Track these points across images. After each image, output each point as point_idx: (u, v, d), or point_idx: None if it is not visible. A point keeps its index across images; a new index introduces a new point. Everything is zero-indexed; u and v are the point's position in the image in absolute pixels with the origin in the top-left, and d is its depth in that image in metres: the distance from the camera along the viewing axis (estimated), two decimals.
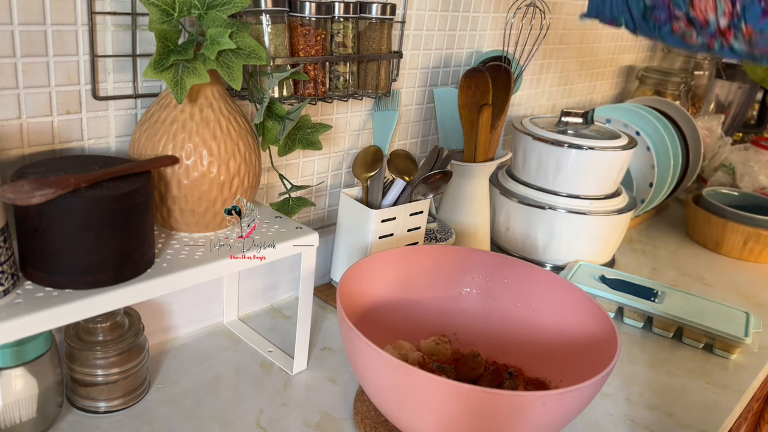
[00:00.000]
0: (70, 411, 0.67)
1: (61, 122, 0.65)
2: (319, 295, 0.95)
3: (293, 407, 0.72)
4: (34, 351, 0.60)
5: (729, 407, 0.81)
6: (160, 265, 0.61)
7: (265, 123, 0.73)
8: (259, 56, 0.63)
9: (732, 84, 1.83)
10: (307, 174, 0.93)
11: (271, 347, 0.82)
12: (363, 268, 0.74)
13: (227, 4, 0.61)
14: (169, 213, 0.66)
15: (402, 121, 1.04)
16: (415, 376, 0.55)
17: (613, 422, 0.76)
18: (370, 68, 0.85)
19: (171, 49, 0.60)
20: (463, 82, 1.00)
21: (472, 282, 0.82)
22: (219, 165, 0.64)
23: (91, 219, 0.53)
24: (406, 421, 0.61)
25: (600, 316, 0.69)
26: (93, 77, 0.65)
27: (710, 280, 1.18)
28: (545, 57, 1.33)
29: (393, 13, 0.84)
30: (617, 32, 1.53)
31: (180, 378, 0.75)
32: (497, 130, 1.03)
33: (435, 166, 0.94)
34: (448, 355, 0.77)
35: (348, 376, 0.78)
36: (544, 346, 0.76)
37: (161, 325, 0.80)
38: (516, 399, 0.54)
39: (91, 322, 0.65)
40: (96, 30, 0.64)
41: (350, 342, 0.62)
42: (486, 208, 1.07)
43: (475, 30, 1.11)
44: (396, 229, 0.91)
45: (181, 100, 0.60)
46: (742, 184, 1.49)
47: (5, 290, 0.52)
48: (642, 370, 0.87)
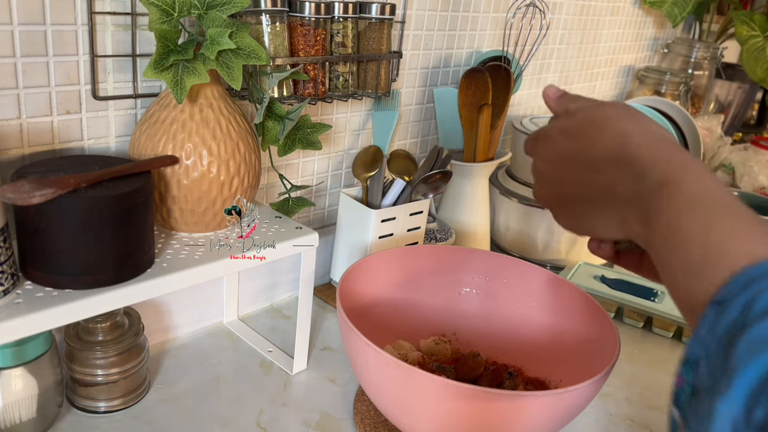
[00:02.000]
0: (70, 411, 0.67)
1: (61, 122, 0.65)
2: (319, 295, 0.95)
3: (293, 407, 0.72)
4: (34, 351, 0.60)
5: None
6: (160, 265, 0.61)
7: (265, 123, 0.73)
8: (258, 56, 0.63)
9: (732, 84, 1.83)
10: (307, 174, 0.93)
11: (271, 347, 0.82)
12: (363, 267, 0.74)
13: (227, 4, 0.61)
14: (169, 213, 0.66)
15: (402, 121, 1.04)
16: (415, 376, 0.55)
17: (613, 422, 0.76)
18: (370, 68, 0.85)
19: (171, 49, 0.60)
20: (463, 82, 1.00)
21: (472, 282, 0.82)
22: (219, 165, 0.64)
23: (91, 219, 0.53)
24: (406, 421, 0.61)
25: (600, 316, 0.69)
26: (93, 77, 0.65)
27: None
28: (545, 57, 1.33)
29: (393, 13, 0.84)
30: (617, 32, 1.53)
31: (180, 378, 0.75)
32: (497, 130, 1.03)
33: (435, 166, 0.94)
34: (448, 355, 0.77)
35: (348, 376, 0.78)
36: (544, 346, 0.76)
37: (161, 325, 0.80)
38: (516, 399, 0.54)
39: (91, 322, 0.65)
40: (96, 30, 0.64)
41: (350, 342, 0.62)
42: (486, 208, 1.07)
43: (475, 30, 1.11)
44: (396, 229, 0.91)
45: (180, 100, 0.60)
46: (742, 184, 1.49)
47: (5, 290, 0.52)
48: (642, 369, 0.87)
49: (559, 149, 0.46)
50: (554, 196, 0.47)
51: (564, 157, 0.45)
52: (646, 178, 0.38)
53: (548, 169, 0.47)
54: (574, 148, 0.44)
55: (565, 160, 0.45)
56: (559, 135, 0.46)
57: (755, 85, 1.80)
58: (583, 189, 0.44)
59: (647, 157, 0.39)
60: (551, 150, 0.46)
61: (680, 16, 1.55)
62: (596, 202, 0.43)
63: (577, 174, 0.44)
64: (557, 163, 0.46)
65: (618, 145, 0.41)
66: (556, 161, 0.46)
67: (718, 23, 1.80)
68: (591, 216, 0.44)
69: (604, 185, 0.42)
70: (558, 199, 0.47)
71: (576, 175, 0.44)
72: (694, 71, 1.71)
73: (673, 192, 0.36)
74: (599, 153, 0.42)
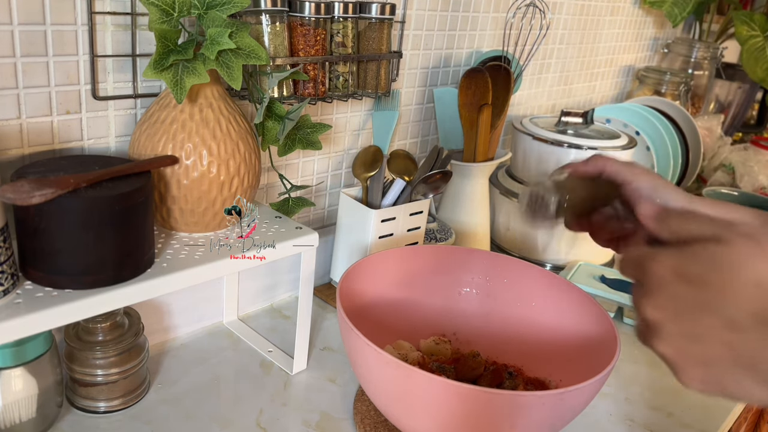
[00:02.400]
0: (70, 411, 0.67)
1: (60, 122, 0.65)
2: (319, 295, 0.95)
3: (293, 407, 0.72)
4: (34, 351, 0.60)
5: (729, 407, 0.81)
6: (159, 265, 0.61)
7: (265, 123, 0.73)
8: (258, 56, 0.63)
9: (732, 84, 1.84)
10: (307, 174, 0.93)
11: (271, 347, 0.82)
12: (363, 267, 0.74)
13: (227, 4, 0.61)
14: (168, 213, 0.66)
15: (402, 121, 1.04)
16: (415, 376, 0.55)
17: (613, 422, 0.76)
18: (370, 68, 0.85)
19: (171, 49, 0.60)
20: (463, 82, 1.00)
21: (472, 282, 0.82)
22: (219, 165, 0.64)
23: (91, 219, 0.53)
24: (406, 421, 0.61)
25: (600, 316, 0.69)
26: (93, 77, 0.65)
27: None
28: (545, 57, 1.33)
29: (393, 13, 0.83)
30: (617, 32, 1.53)
31: (180, 378, 0.75)
32: (497, 130, 1.03)
33: (435, 166, 0.94)
34: (447, 354, 0.77)
35: (348, 376, 0.78)
36: (544, 346, 0.76)
37: (161, 325, 0.80)
38: (516, 399, 0.54)
39: (90, 322, 0.65)
40: (96, 30, 0.64)
41: (350, 342, 0.62)
42: (486, 208, 1.07)
43: (475, 30, 1.11)
44: (396, 229, 0.91)
45: (180, 100, 0.60)
46: (742, 184, 1.49)
47: (5, 290, 0.52)
48: (642, 370, 0.87)
49: (679, 298, 0.36)
50: (686, 356, 0.37)
51: (689, 309, 0.36)
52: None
53: (669, 323, 0.37)
54: (701, 300, 0.35)
55: (691, 313, 0.36)
56: (674, 278, 0.36)
57: (755, 85, 1.80)
58: (729, 349, 0.35)
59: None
60: (667, 298, 0.37)
61: (680, 16, 1.55)
62: (749, 368, 0.35)
63: (715, 332, 0.35)
64: (681, 317, 0.36)
65: (760, 300, 0.33)
66: (681, 313, 0.36)
67: (718, 23, 1.80)
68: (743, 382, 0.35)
69: (755, 347, 0.34)
70: (694, 359, 0.37)
71: (713, 332, 0.35)
72: (694, 71, 1.71)
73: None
74: (738, 307, 0.34)
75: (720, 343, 0.35)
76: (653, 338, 0.38)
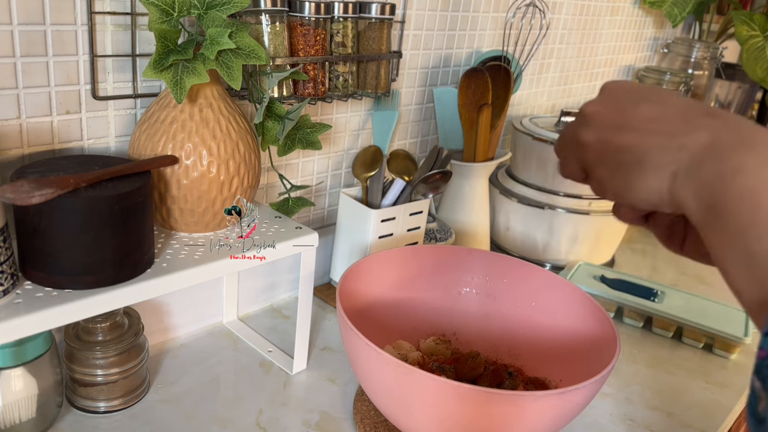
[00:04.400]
0: (70, 411, 0.67)
1: (60, 122, 0.65)
2: (319, 295, 0.95)
3: (293, 407, 0.72)
4: (34, 351, 0.60)
5: (729, 407, 0.81)
6: (159, 265, 0.61)
7: (265, 123, 0.73)
8: (258, 56, 0.63)
9: (732, 84, 1.83)
10: (307, 174, 0.93)
11: (271, 347, 0.82)
12: (363, 267, 0.74)
13: (227, 4, 0.61)
14: (168, 213, 0.66)
15: (402, 121, 1.04)
16: (415, 376, 0.55)
17: (613, 422, 0.76)
18: (370, 68, 0.85)
19: (170, 48, 0.60)
20: (463, 82, 1.00)
21: (472, 282, 0.82)
22: (218, 165, 0.64)
23: (91, 219, 0.53)
24: (406, 421, 0.61)
25: (600, 316, 0.69)
26: (92, 77, 0.65)
27: (710, 280, 1.18)
28: (545, 57, 1.33)
29: (393, 13, 0.83)
30: (617, 32, 1.53)
31: (180, 378, 0.75)
32: (497, 130, 1.03)
33: (435, 166, 0.94)
34: (447, 355, 0.77)
35: (348, 376, 0.78)
36: (544, 346, 0.76)
37: (161, 325, 0.80)
38: (516, 399, 0.54)
39: (90, 322, 0.65)
40: (95, 30, 0.64)
41: (350, 342, 0.62)
42: (486, 207, 1.07)
43: (475, 30, 1.11)
44: (396, 229, 0.91)
45: (180, 100, 0.60)
46: None
47: (5, 290, 0.52)
48: (642, 369, 0.87)
49: (627, 89, 0.41)
50: (601, 143, 0.41)
51: (633, 98, 0.40)
52: (734, 132, 0.34)
53: (605, 111, 0.41)
54: (647, 90, 0.40)
55: (634, 99, 0.40)
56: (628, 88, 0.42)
57: (755, 85, 1.80)
58: (644, 137, 0.38)
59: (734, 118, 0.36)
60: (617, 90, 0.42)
61: (680, 16, 1.55)
62: (651, 153, 0.37)
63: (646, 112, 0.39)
64: (622, 105, 0.40)
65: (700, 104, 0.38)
66: (622, 101, 0.40)
67: (718, 23, 1.80)
68: (636, 172, 0.38)
69: (675, 131, 0.37)
70: (605, 146, 0.40)
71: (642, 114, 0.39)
72: (694, 71, 1.71)
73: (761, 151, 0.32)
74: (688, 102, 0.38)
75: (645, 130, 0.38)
76: (582, 127, 0.42)
